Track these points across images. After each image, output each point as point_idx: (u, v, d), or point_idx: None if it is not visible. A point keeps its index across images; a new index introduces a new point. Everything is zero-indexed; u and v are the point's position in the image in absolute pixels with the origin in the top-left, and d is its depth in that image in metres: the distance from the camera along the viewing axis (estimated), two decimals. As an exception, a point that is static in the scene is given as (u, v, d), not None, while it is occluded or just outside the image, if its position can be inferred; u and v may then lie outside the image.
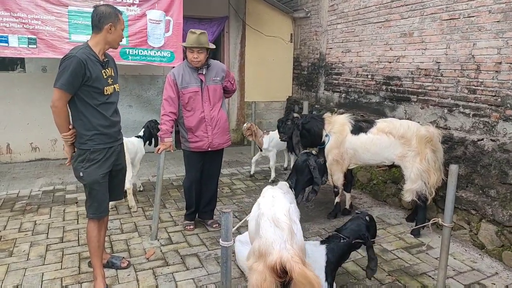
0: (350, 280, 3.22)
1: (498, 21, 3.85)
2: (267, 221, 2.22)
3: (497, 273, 3.37)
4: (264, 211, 2.32)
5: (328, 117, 4.46)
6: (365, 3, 5.76)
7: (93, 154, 2.89)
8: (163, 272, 3.32)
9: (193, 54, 3.68)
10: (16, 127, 6.43)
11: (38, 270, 3.31)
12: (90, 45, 2.85)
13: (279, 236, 2.13)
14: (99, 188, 2.95)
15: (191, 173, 4.00)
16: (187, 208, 4.18)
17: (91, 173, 2.90)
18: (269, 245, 2.10)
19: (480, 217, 3.80)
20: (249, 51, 7.82)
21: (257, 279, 2.08)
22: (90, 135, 2.87)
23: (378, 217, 4.48)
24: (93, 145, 2.88)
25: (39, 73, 6.41)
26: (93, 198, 2.97)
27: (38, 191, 5.22)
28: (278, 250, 2.07)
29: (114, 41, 2.93)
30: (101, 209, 3.01)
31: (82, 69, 2.71)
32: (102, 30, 2.85)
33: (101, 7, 2.90)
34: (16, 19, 4.86)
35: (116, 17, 2.88)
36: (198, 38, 3.65)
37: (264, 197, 2.57)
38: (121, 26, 2.93)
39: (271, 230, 2.17)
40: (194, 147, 3.88)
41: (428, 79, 4.71)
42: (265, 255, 2.09)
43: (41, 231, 4.04)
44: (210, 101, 3.84)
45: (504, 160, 3.70)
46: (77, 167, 2.91)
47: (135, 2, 5.35)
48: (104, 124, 2.92)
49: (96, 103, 2.85)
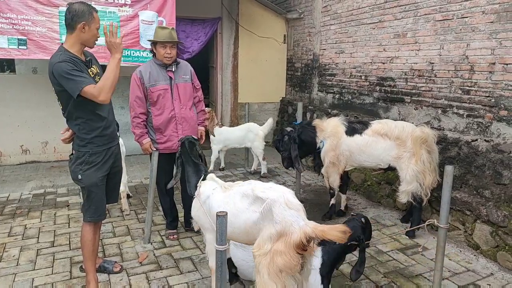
0: (345, 282, 3.19)
1: (491, 21, 3.86)
2: (280, 206, 2.29)
3: (492, 274, 3.37)
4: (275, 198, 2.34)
5: (318, 124, 4.42)
6: (359, 4, 5.75)
7: (92, 156, 2.85)
8: (156, 276, 3.27)
9: (166, 49, 3.57)
10: (6, 130, 6.32)
11: (28, 275, 3.24)
12: (67, 48, 2.73)
13: (296, 216, 2.26)
14: (97, 191, 2.91)
15: (161, 177, 3.79)
16: (165, 216, 4.04)
17: (90, 176, 2.85)
18: (288, 226, 2.22)
19: (475, 217, 3.80)
20: (242, 52, 7.79)
21: (284, 259, 2.19)
22: (90, 138, 2.82)
23: (372, 218, 4.47)
24: (92, 147, 2.84)
25: (30, 75, 6.31)
26: (91, 201, 2.92)
27: (28, 194, 5.13)
28: (299, 227, 2.21)
29: (89, 41, 2.79)
30: (99, 212, 2.97)
31: (76, 65, 2.65)
32: (75, 30, 2.71)
33: (75, 4, 2.74)
34: (5, 19, 4.78)
35: (90, 15, 2.73)
36: (170, 33, 3.58)
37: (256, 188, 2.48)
38: (96, 25, 2.77)
39: (287, 213, 2.27)
40: (163, 148, 3.72)
41: (422, 79, 4.71)
42: (287, 236, 2.21)
43: (32, 235, 3.97)
44: (181, 99, 3.71)
45: (498, 161, 3.70)
46: (75, 169, 2.85)
47: (127, 3, 5.30)
48: (103, 126, 2.88)
49: (91, 105, 2.77)
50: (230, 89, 7.88)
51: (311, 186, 5.71)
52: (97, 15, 2.80)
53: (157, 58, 3.65)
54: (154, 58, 3.70)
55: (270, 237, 2.27)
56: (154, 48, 3.65)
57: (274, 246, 2.23)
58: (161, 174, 3.80)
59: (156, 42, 3.59)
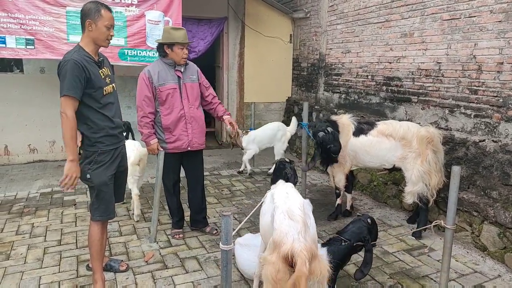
0: (351, 283, 3.17)
1: (499, 21, 3.82)
2: (281, 214, 2.26)
3: (500, 276, 3.34)
4: (279, 204, 2.34)
5: (340, 121, 4.30)
6: (365, 3, 5.73)
7: (101, 155, 2.87)
8: (162, 275, 3.28)
9: (184, 50, 3.59)
10: (14, 129, 6.38)
11: (35, 273, 3.27)
12: (82, 46, 2.79)
13: (293, 228, 2.17)
14: (107, 190, 2.93)
15: (169, 177, 3.81)
16: (172, 215, 4.06)
17: (99, 175, 2.87)
18: (283, 236, 2.14)
19: (482, 218, 3.76)
20: (248, 51, 7.79)
21: (270, 271, 2.11)
22: (98, 137, 2.84)
23: (378, 219, 4.45)
24: (101, 147, 2.86)
25: (37, 74, 6.36)
26: (101, 200, 2.93)
27: (36, 193, 5.18)
28: (291, 241, 2.10)
29: (98, 39, 2.80)
30: (108, 211, 2.99)
31: (81, 71, 2.67)
32: (85, 28, 2.76)
33: (86, 4, 2.79)
34: (13, 19, 4.82)
35: (97, 12, 2.73)
36: (186, 34, 3.62)
37: (277, 192, 2.54)
38: (103, 23, 2.75)
39: (285, 222, 2.20)
40: (172, 147, 3.71)
41: (429, 79, 4.67)
42: (279, 246, 2.13)
43: (39, 233, 4.00)
44: (189, 98, 3.70)
45: (506, 161, 3.66)
46: (84, 168, 2.86)
47: (134, 3, 5.32)
48: (110, 126, 2.90)
49: (98, 106, 2.81)
50: (236, 88, 7.88)
51: (317, 186, 5.70)
52: (106, 13, 2.79)
53: (170, 58, 3.63)
54: (162, 58, 3.69)
55: (270, 244, 2.24)
56: (168, 49, 3.60)
57: (269, 255, 2.17)
58: (168, 173, 3.81)
59: (173, 44, 3.57)
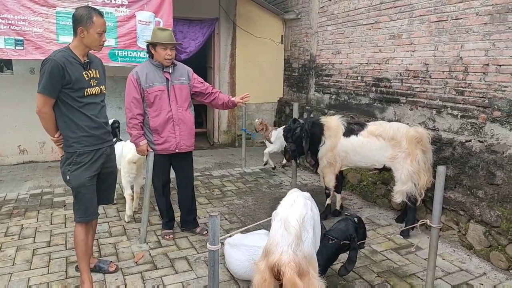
0: (339, 282, 3.21)
1: (485, 23, 3.88)
2: (278, 222, 2.23)
3: (485, 273, 3.39)
4: (280, 211, 2.32)
5: (326, 122, 4.36)
6: (355, 5, 5.78)
7: (80, 157, 2.86)
8: (151, 276, 3.29)
9: (166, 51, 3.57)
10: (4, 130, 6.34)
11: (24, 275, 3.26)
12: (71, 48, 2.83)
13: (285, 239, 2.13)
14: (85, 192, 2.92)
15: (158, 178, 3.82)
16: (162, 216, 4.07)
17: (78, 176, 2.87)
18: (274, 246, 2.11)
19: (468, 217, 3.82)
20: (239, 52, 7.81)
21: (257, 279, 2.09)
22: (75, 137, 2.83)
23: (367, 218, 4.50)
24: (79, 147, 2.85)
25: (27, 75, 6.32)
26: (80, 201, 2.93)
27: (25, 194, 5.15)
28: (279, 252, 2.07)
29: (91, 45, 2.84)
30: (88, 213, 2.98)
31: (60, 71, 2.69)
32: (77, 34, 2.80)
33: (78, 9, 2.82)
34: (2, 20, 4.80)
35: (89, 20, 2.75)
36: (171, 35, 3.61)
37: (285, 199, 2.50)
38: (95, 30, 2.78)
39: (279, 231, 2.17)
40: (161, 149, 3.70)
41: (417, 80, 4.73)
42: (269, 255, 2.11)
43: (28, 235, 3.98)
44: (177, 100, 3.69)
45: (491, 161, 3.72)
46: (64, 170, 2.88)
47: (124, 3, 5.32)
48: (91, 126, 2.88)
49: (78, 105, 2.82)
50: (228, 89, 7.90)
51: (307, 186, 5.73)
52: (98, 19, 2.80)
53: (155, 59, 3.64)
54: (150, 59, 3.70)
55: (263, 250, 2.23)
56: (152, 49, 3.62)
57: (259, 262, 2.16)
58: (158, 175, 3.81)
59: (156, 44, 3.57)
